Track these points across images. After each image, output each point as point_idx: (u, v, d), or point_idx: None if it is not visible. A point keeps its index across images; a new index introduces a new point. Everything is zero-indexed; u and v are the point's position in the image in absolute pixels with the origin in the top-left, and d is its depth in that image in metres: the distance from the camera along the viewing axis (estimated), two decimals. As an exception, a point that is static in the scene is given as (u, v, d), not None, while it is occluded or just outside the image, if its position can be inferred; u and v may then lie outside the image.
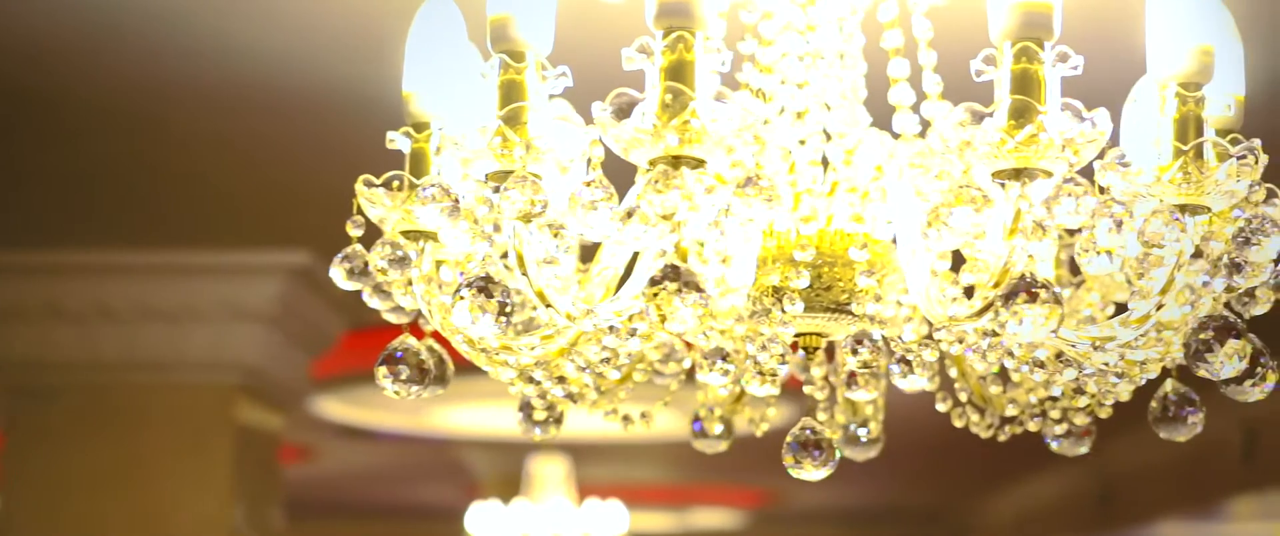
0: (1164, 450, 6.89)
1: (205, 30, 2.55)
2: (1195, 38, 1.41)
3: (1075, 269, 1.81)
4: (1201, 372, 1.38)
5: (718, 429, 1.86)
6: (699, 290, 1.30)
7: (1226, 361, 1.36)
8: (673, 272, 1.31)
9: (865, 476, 9.21)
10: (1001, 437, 1.76)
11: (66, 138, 3.20)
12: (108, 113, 3.02)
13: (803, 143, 1.59)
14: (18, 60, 2.70)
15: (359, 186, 1.55)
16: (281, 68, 2.72)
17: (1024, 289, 1.30)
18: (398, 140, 1.57)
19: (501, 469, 7.71)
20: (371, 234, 1.58)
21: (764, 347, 1.41)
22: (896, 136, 1.60)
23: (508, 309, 1.39)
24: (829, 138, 1.60)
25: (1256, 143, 1.46)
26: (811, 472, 1.55)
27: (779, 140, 1.57)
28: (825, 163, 1.62)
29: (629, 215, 1.34)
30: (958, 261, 1.49)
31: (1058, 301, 1.30)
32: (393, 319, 1.64)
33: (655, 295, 1.30)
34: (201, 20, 2.51)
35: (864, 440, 1.89)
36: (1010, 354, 1.47)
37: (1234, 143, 1.46)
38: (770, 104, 1.64)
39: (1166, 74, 1.41)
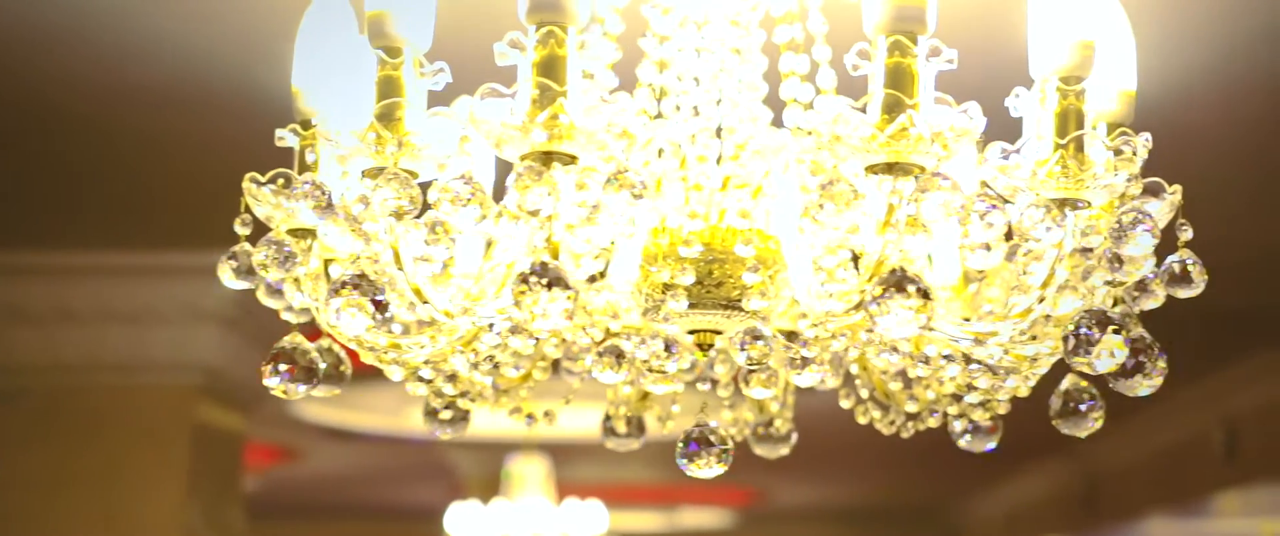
0: (1149, 448, 6.91)
1: (159, 32, 2.56)
2: (1075, 32, 1.40)
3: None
4: (1080, 367, 1.37)
5: (624, 427, 1.85)
6: (566, 287, 1.29)
7: (1103, 356, 1.35)
8: (541, 269, 1.30)
9: (854, 475, 9.22)
10: (905, 434, 1.75)
11: (26, 140, 3.21)
12: (69, 114, 3.02)
13: (692, 139, 1.58)
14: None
15: (246, 184, 1.54)
16: (245, 68, 2.72)
17: (893, 284, 1.29)
18: (287, 137, 1.56)
19: (484, 469, 7.70)
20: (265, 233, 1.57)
21: (644, 344, 1.40)
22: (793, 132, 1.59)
23: (384, 307, 1.38)
24: (720, 133, 1.59)
25: (1144, 136, 1.45)
26: (704, 470, 1.54)
27: (671, 136, 1.56)
28: (721, 158, 1.61)
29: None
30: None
31: (927, 296, 1.29)
32: (290, 318, 1.63)
33: (523, 292, 1.29)
34: (155, 22, 2.52)
35: (773, 437, 1.88)
36: (894, 349, 1.46)
37: (1123, 136, 1.45)
38: (666, 99, 1.63)
39: (1047, 68, 1.41)
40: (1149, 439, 6.88)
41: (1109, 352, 1.35)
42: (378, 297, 1.37)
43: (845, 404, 1.75)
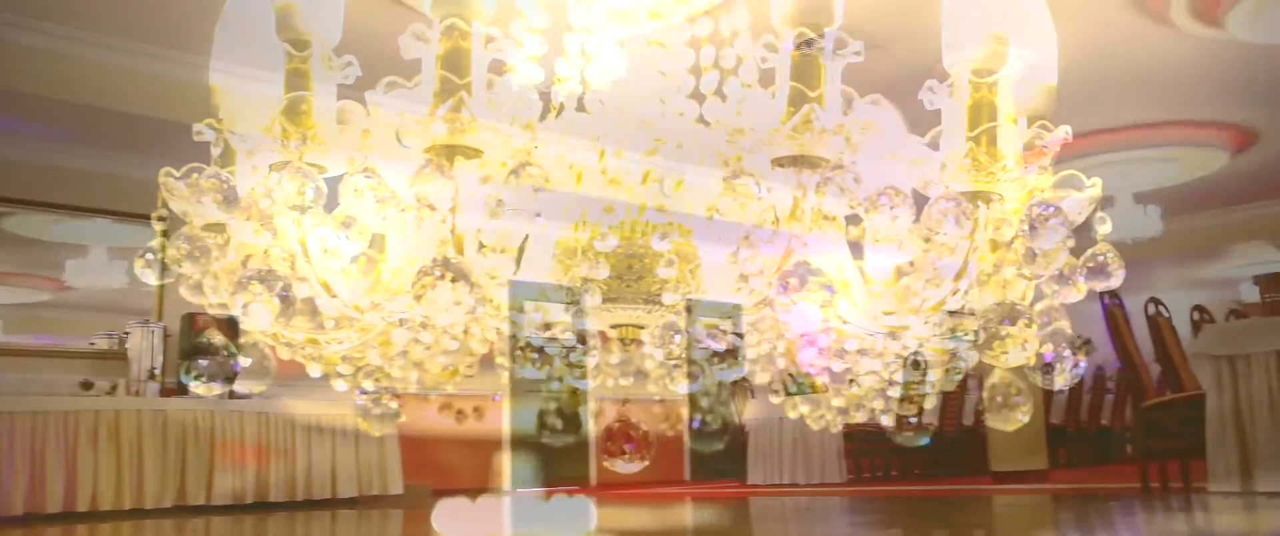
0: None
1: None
2: (987, 25, 1.38)
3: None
4: (991, 360, 1.36)
5: (560, 424, 1.83)
6: (468, 281, 1.28)
7: (1012, 350, 1.34)
8: (442, 264, 1.29)
9: (849, 468, 9.21)
10: (835, 429, 1.73)
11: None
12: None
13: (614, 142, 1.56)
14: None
15: (162, 178, 1.53)
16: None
17: (795, 277, 1.28)
18: (205, 132, 1.55)
19: (472, 464, 7.69)
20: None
21: (554, 338, 1.38)
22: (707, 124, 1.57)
23: (290, 302, 1.37)
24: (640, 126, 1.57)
25: (1063, 129, 1.44)
26: (624, 464, 1.53)
27: (590, 130, 1.54)
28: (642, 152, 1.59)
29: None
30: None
31: (832, 291, 1.27)
32: (217, 314, 1.61)
33: (424, 287, 1.28)
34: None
35: (707, 432, 1.86)
36: (812, 343, 1.44)
37: (1044, 128, 1.44)
38: (589, 93, 1.62)
39: (959, 60, 1.39)
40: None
41: (1018, 346, 1.34)
42: (283, 293, 1.36)
43: (775, 399, 1.73)
